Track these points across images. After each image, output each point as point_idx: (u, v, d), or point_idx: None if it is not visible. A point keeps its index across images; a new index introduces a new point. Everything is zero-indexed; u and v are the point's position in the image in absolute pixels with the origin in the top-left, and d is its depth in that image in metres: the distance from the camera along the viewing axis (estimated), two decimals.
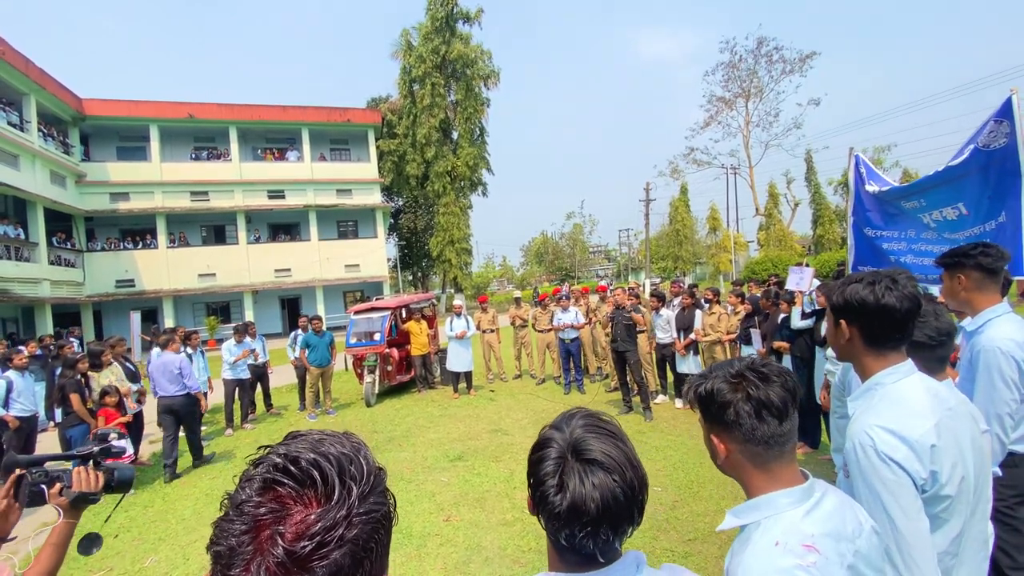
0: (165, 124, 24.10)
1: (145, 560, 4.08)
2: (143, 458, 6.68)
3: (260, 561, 0.50)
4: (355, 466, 0.57)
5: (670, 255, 40.08)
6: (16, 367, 6.19)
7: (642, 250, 46.03)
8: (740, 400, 1.03)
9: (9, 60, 17.64)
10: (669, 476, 4.83)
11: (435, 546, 3.89)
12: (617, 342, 6.97)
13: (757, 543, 0.98)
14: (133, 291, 22.92)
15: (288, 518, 0.52)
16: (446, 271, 30.90)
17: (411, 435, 6.93)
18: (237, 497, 0.55)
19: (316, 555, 0.50)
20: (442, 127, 29.74)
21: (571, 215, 59.59)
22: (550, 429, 0.92)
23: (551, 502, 0.82)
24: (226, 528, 0.53)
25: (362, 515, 0.54)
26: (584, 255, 56.18)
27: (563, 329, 8.60)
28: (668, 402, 7.66)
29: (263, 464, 0.57)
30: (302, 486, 0.54)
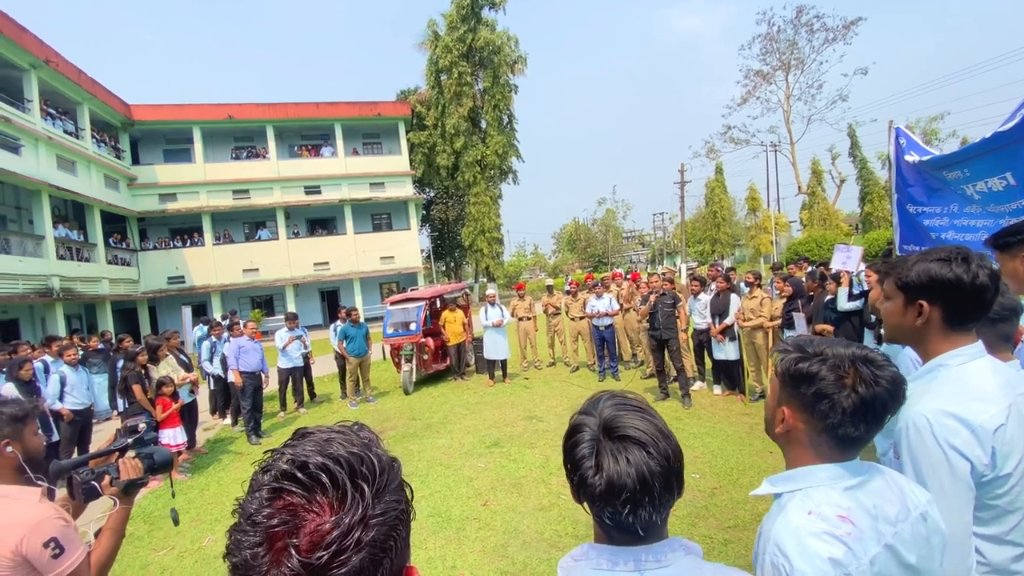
0: (207, 126, 25.02)
1: (203, 540, 4.33)
2: (198, 445, 7.08)
3: (276, 574, 0.49)
4: (366, 465, 0.56)
5: (707, 238, 38.93)
6: (68, 362, 6.52)
7: (677, 234, 44.93)
8: (842, 396, 0.95)
9: (63, 71, 18.64)
10: (708, 463, 4.76)
11: (474, 530, 3.97)
12: (659, 330, 6.83)
13: (789, 512, 0.96)
14: (183, 287, 24.06)
15: (301, 528, 0.51)
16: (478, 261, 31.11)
17: (448, 422, 7.06)
18: (248, 507, 0.54)
19: (334, 563, 0.50)
20: (470, 116, 29.74)
21: (603, 201, 58.39)
22: (580, 415, 0.93)
23: (590, 484, 0.84)
24: (240, 540, 0.52)
25: (378, 516, 0.54)
26: (617, 241, 55.23)
27: (597, 316, 8.53)
28: (706, 389, 7.52)
29: (271, 471, 0.56)
30: (312, 492, 0.53)
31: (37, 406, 1.77)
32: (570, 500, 2.91)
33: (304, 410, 8.69)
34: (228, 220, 26.14)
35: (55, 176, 18.07)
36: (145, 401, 5.87)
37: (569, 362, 9.82)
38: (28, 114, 17.08)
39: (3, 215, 17.64)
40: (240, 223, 26.71)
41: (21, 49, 16.66)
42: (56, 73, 18.34)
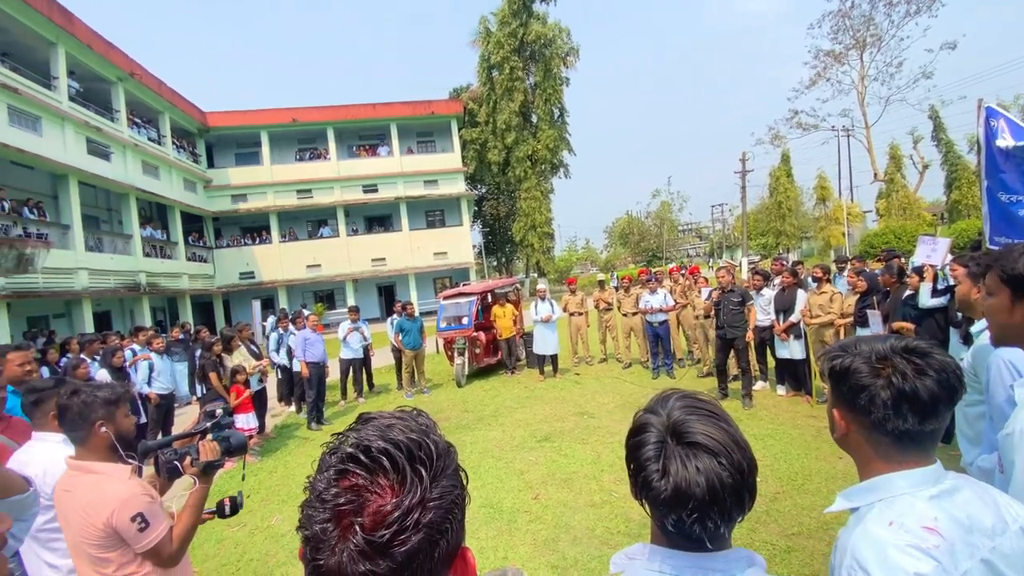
0: (273, 129, 26.39)
1: (271, 518, 4.61)
2: (267, 430, 7.52)
3: (343, 548, 0.53)
4: (424, 450, 0.59)
5: (771, 230, 36.99)
6: (155, 350, 7.15)
7: (738, 226, 42.91)
8: (879, 387, 0.92)
9: (146, 83, 20.23)
10: (770, 467, 4.56)
11: (524, 522, 3.99)
12: (724, 328, 6.53)
13: (869, 523, 0.90)
14: (253, 282, 25.58)
15: (365, 507, 0.54)
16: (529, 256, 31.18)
17: (500, 415, 7.13)
18: (317, 485, 0.58)
19: (395, 542, 0.53)
20: (522, 111, 29.73)
21: (657, 193, 56.57)
22: (645, 413, 0.89)
23: (654, 488, 0.81)
24: (311, 515, 0.56)
25: (435, 499, 0.56)
26: (673, 234, 53.35)
27: (651, 312, 8.31)
28: (768, 389, 7.16)
29: (337, 453, 0.59)
30: (374, 474, 0.56)
31: (128, 390, 1.91)
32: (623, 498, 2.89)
33: (363, 399, 9.04)
34: (293, 219, 27.50)
35: (141, 180, 19.71)
36: (220, 388, 6.30)
37: (621, 359, 9.64)
38: (116, 123, 18.69)
39: (96, 217, 19.36)
40: (304, 221, 28.04)
41: (109, 63, 18.22)
42: (140, 85, 19.94)
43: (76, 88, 17.12)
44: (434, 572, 0.56)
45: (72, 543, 1.75)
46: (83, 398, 1.75)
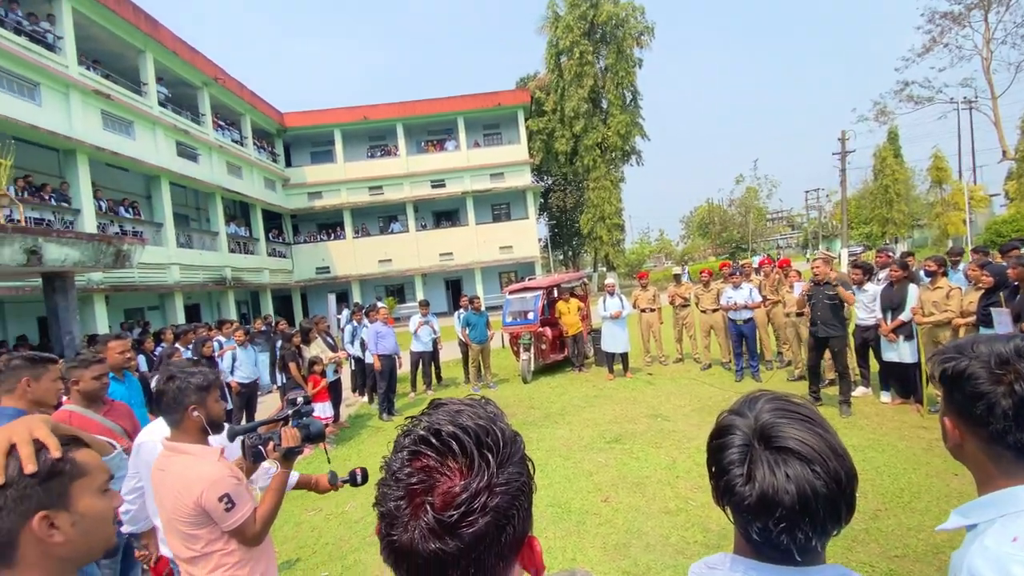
0: (345, 128, 27.45)
1: (346, 505, 4.75)
2: (342, 419, 7.80)
3: (415, 525, 0.55)
4: (491, 437, 0.60)
5: (876, 218, 33.23)
6: (238, 341, 7.60)
7: (837, 213, 39.40)
8: (999, 395, 0.84)
9: (229, 87, 21.63)
10: (871, 482, 4.12)
11: (594, 525, 3.89)
12: (817, 326, 5.95)
13: (988, 540, 0.82)
14: (329, 276, 26.85)
15: (435, 488, 0.56)
16: (597, 249, 30.44)
17: (567, 413, 6.99)
18: (392, 465, 0.61)
19: (463, 523, 0.55)
20: (591, 97, 29.00)
21: (741, 178, 51.20)
22: (730, 415, 0.85)
23: (737, 493, 0.77)
24: (386, 492, 0.59)
25: (502, 484, 0.58)
26: (760, 223, 49.46)
27: (734, 309, 7.71)
28: (871, 395, 6.42)
29: (410, 435, 0.61)
30: (444, 456, 0.58)
31: (219, 377, 1.96)
32: (700, 507, 2.64)
33: (431, 392, 9.18)
34: (365, 215, 28.58)
35: (226, 180, 21.14)
36: (299, 377, 6.61)
37: (700, 359, 9.09)
38: (203, 127, 20.10)
39: (186, 215, 20.92)
40: (375, 217, 29.06)
41: (195, 69, 19.60)
42: (224, 89, 21.34)
43: (165, 93, 18.53)
44: (501, 557, 0.58)
45: (165, 519, 1.85)
46: (177, 384, 1.83)
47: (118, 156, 15.28)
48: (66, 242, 5.67)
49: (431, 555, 0.55)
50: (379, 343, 7.90)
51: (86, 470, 0.94)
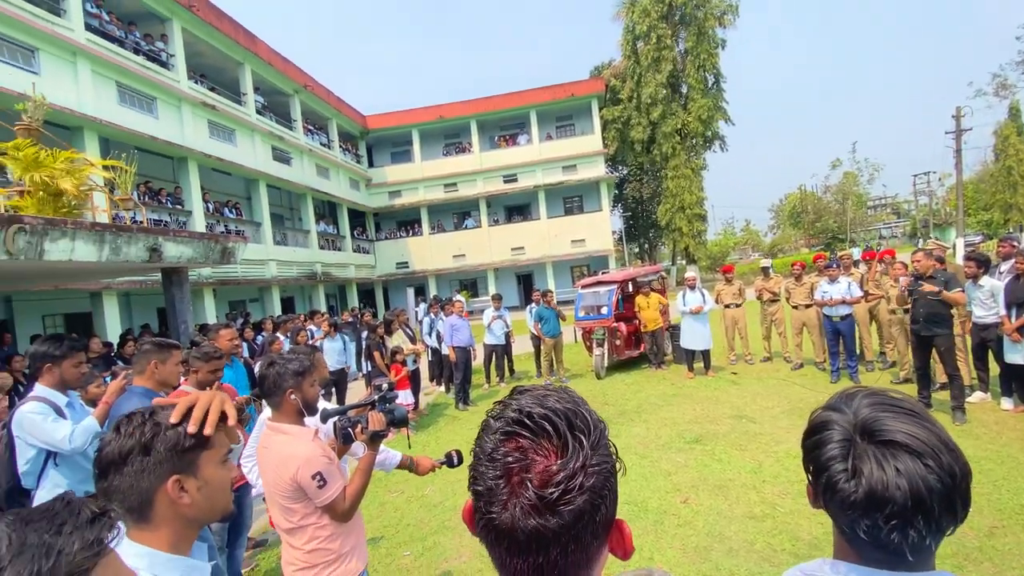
0: (422, 127, 28.38)
1: (425, 489, 4.93)
2: (420, 407, 8.12)
3: (515, 502, 0.56)
4: (579, 419, 0.61)
5: (997, 203, 29.51)
6: (326, 332, 8.16)
7: (951, 199, 35.18)
8: None
9: (317, 93, 23.09)
10: (987, 496, 3.69)
11: (673, 526, 3.78)
12: (919, 324, 5.42)
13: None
14: (407, 271, 27.99)
15: (532, 466, 0.57)
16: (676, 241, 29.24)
17: (643, 411, 6.81)
18: (485, 446, 0.62)
19: (562, 500, 0.55)
20: (670, 82, 27.78)
21: (838, 163, 46.55)
22: (825, 411, 0.82)
23: (841, 490, 0.74)
24: (482, 472, 0.60)
25: (595, 465, 0.59)
26: (859, 211, 45.01)
27: (830, 305, 7.10)
28: (990, 401, 5.70)
29: (501, 418, 0.63)
30: (538, 437, 0.59)
31: (315, 360, 2.10)
32: (789, 513, 2.49)
33: (504, 384, 9.30)
34: (440, 211, 29.43)
35: (315, 181, 22.66)
36: (383, 366, 6.97)
37: (790, 358, 8.48)
38: (294, 132, 21.64)
39: (281, 215, 22.58)
40: (450, 213, 29.85)
41: (287, 78, 21.10)
42: (312, 95, 22.82)
43: (261, 102, 20.14)
44: (596, 536, 0.59)
45: (268, 492, 2.02)
46: (277, 369, 1.98)
47: (222, 162, 16.83)
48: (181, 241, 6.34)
49: (532, 532, 0.56)
50: (455, 335, 8.12)
51: (213, 442, 1.06)
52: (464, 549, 3.77)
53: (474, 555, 3.65)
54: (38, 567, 0.47)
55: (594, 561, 0.61)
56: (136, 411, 1.04)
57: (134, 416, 1.03)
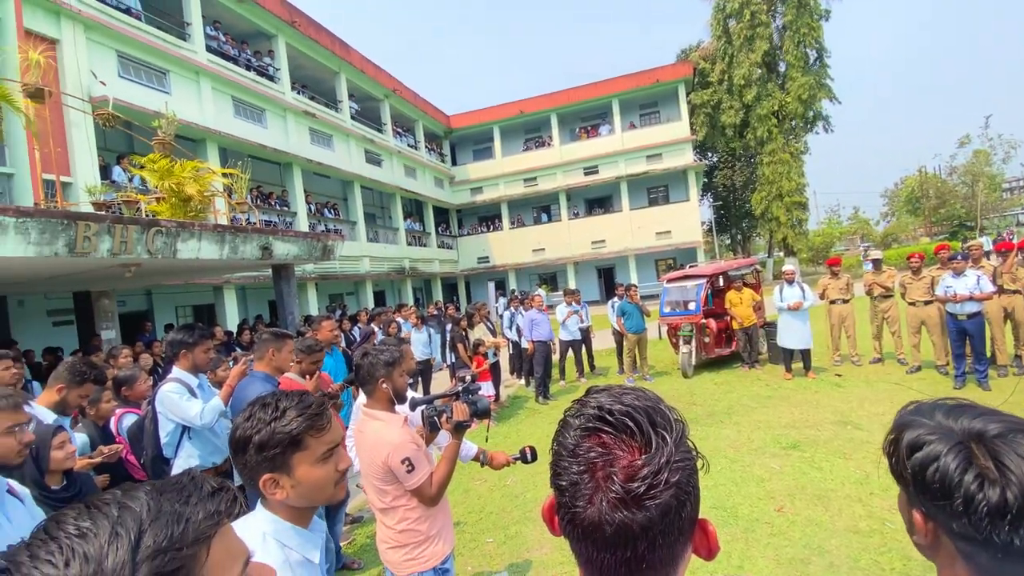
0: (503, 124, 28.73)
1: (507, 480, 5.04)
2: (501, 399, 8.30)
3: (601, 496, 0.57)
4: (660, 416, 0.62)
5: None
6: (414, 324, 8.58)
7: None
8: None
9: (404, 96, 24.17)
10: None
11: (765, 535, 3.58)
12: None
13: None
14: (488, 266, 28.58)
15: (617, 461, 0.58)
16: (772, 231, 27.18)
17: (734, 413, 6.47)
18: (566, 442, 0.62)
19: (647, 495, 0.56)
20: (765, 61, 25.84)
21: (967, 140, 40.44)
22: (914, 431, 0.75)
23: (978, 499, 0.66)
24: (565, 467, 0.61)
25: (679, 461, 0.59)
26: (993, 195, 38.96)
27: (954, 301, 6.28)
28: None
29: (581, 415, 0.63)
30: (620, 433, 0.59)
31: (404, 353, 2.23)
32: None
33: (584, 380, 9.22)
34: (520, 206, 29.69)
35: (403, 181, 23.80)
36: (466, 358, 7.21)
37: (905, 360, 7.64)
38: (384, 135, 22.83)
39: (372, 214, 23.86)
40: (529, 208, 30.01)
41: (378, 84, 22.24)
42: (400, 99, 23.93)
43: (355, 108, 21.43)
44: (681, 532, 0.59)
45: (363, 473, 2.16)
46: (370, 359, 2.14)
47: (322, 165, 18.18)
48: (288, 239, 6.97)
49: (619, 526, 0.56)
50: (534, 330, 8.18)
51: (307, 444, 1.16)
52: (545, 541, 3.82)
53: (555, 548, 3.68)
54: (171, 531, 0.53)
55: (679, 559, 0.60)
56: (266, 401, 1.19)
57: (256, 409, 1.18)
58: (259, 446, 1.12)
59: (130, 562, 0.50)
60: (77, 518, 0.53)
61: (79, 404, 3.00)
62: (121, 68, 11.99)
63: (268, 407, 1.17)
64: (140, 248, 5.04)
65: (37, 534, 0.52)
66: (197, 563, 0.55)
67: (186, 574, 0.54)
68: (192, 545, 0.55)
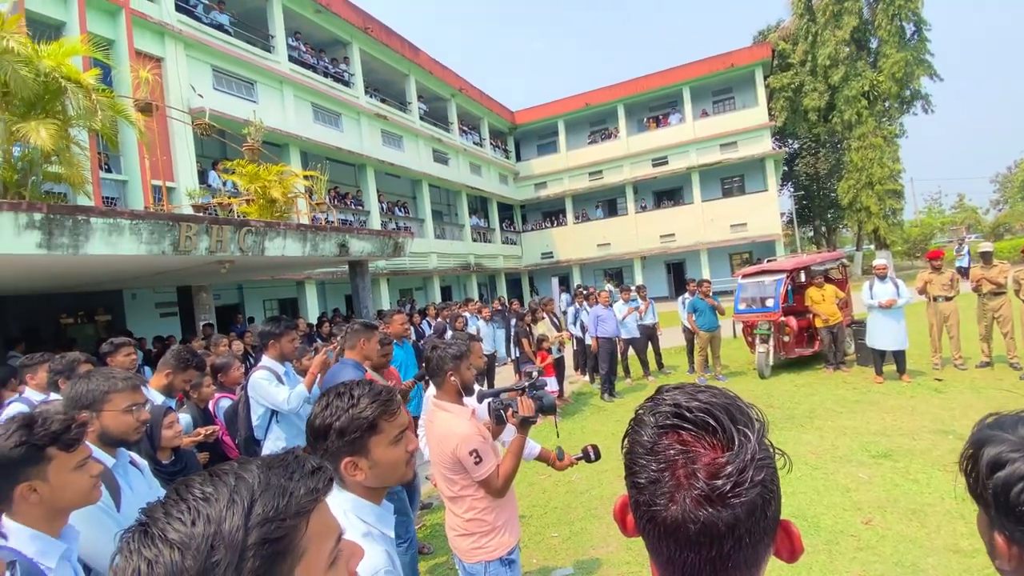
0: (568, 117, 28.41)
1: (571, 476, 5.01)
2: (565, 395, 8.27)
3: (684, 494, 0.56)
4: (740, 413, 0.60)
5: None
6: (483, 317, 8.76)
7: None
8: None
9: (470, 95, 24.56)
10: None
11: (850, 548, 3.37)
12: None
13: None
14: (552, 261, 28.47)
15: (699, 458, 0.56)
16: (862, 222, 25.03)
17: (815, 417, 6.07)
18: (642, 439, 0.61)
19: (732, 493, 0.54)
20: (854, 38, 23.74)
21: None
22: (996, 448, 0.72)
23: None
24: (642, 465, 0.60)
25: (763, 459, 0.57)
26: None
27: None
28: None
29: (657, 413, 0.62)
30: (701, 431, 0.58)
31: (471, 347, 2.30)
32: None
33: (652, 378, 9.01)
34: (585, 200, 29.31)
35: (469, 178, 24.25)
36: (530, 353, 7.25)
37: (1019, 364, 6.85)
38: (451, 134, 23.36)
39: (439, 211, 24.51)
40: (594, 202, 29.57)
41: (445, 84, 22.76)
42: (466, 97, 24.36)
43: (423, 109, 22.08)
44: (766, 533, 0.57)
45: (433, 462, 2.25)
46: (439, 353, 2.21)
47: (393, 166, 18.94)
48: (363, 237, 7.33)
49: (703, 525, 0.55)
50: (599, 326, 8.07)
51: (381, 428, 1.24)
52: (611, 539, 3.78)
53: (621, 547, 3.64)
54: (277, 503, 0.58)
55: (762, 560, 0.59)
56: (340, 390, 1.28)
57: (332, 399, 1.27)
58: (340, 431, 1.20)
59: (243, 527, 0.55)
60: (202, 484, 0.59)
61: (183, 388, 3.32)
62: (215, 81, 13.09)
63: (343, 396, 1.25)
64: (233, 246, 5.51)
65: (170, 495, 0.59)
66: (298, 534, 0.60)
67: (288, 543, 0.58)
68: (294, 517, 0.60)
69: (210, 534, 0.54)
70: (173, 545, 0.53)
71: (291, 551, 0.59)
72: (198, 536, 0.54)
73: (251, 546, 0.55)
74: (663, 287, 26.68)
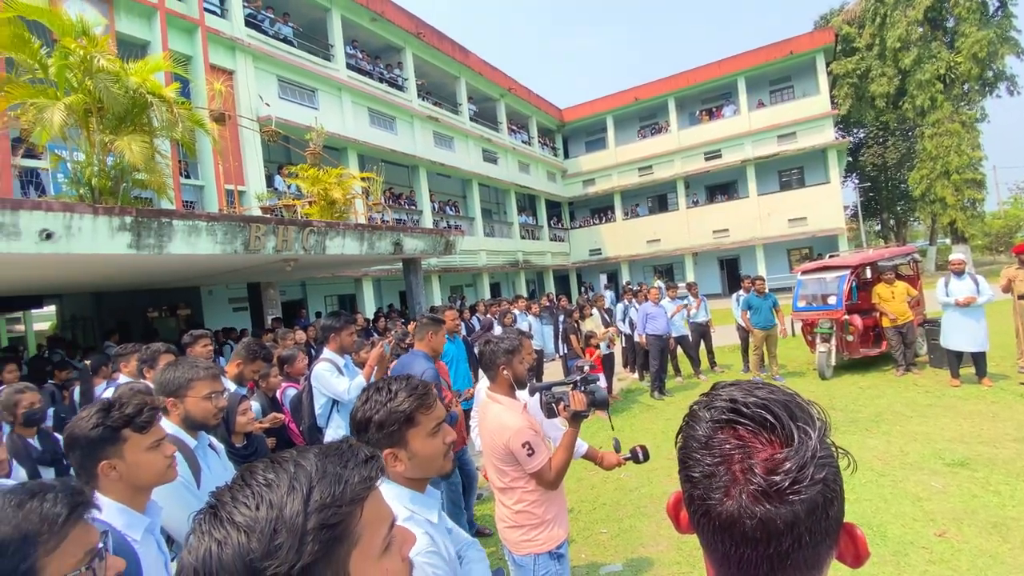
0: (617, 113, 28.01)
1: (620, 473, 4.99)
2: (615, 392, 8.21)
3: (741, 489, 0.55)
4: (800, 410, 0.59)
5: None
6: (533, 313, 8.86)
7: None
8: None
9: (519, 94, 24.66)
10: None
11: (921, 561, 3.17)
12: None
13: None
14: (600, 258, 28.19)
15: (756, 454, 0.55)
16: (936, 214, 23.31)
17: (882, 421, 5.74)
18: (697, 434, 0.60)
19: (791, 490, 0.53)
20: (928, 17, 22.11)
21: None
22: None
23: None
24: (697, 459, 0.59)
25: (824, 457, 0.56)
26: None
27: None
28: None
29: (712, 408, 0.61)
30: (758, 426, 0.57)
31: (523, 342, 2.36)
32: None
33: (704, 377, 8.79)
34: (634, 196, 28.81)
35: (517, 177, 24.38)
36: (578, 349, 7.26)
37: None
38: (500, 133, 23.55)
39: (488, 209, 24.70)
40: (644, 197, 29.01)
41: (494, 85, 22.97)
42: (515, 97, 24.47)
43: (473, 110, 22.39)
44: (828, 534, 0.56)
45: (484, 453, 2.31)
46: (492, 347, 2.28)
47: (444, 166, 19.35)
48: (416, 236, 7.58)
49: (760, 521, 0.53)
50: (648, 323, 7.95)
51: (418, 420, 1.30)
52: (661, 538, 3.75)
53: (671, 546, 3.60)
54: (333, 490, 0.61)
55: (823, 561, 0.57)
56: (379, 385, 1.37)
57: (371, 393, 1.34)
58: (379, 424, 1.27)
59: (303, 512, 0.57)
60: (265, 470, 0.62)
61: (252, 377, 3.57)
62: (280, 90, 13.84)
63: (382, 390, 1.32)
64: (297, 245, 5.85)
65: (236, 480, 0.62)
66: (353, 520, 0.63)
67: (344, 529, 0.61)
68: (350, 504, 0.62)
69: (273, 518, 0.56)
70: (240, 528, 0.56)
71: (347, 536, 0.61)
72: (262, 520, 0.56)
73: (310, 531, 0.57)
74: (716, 284, 25.84)
